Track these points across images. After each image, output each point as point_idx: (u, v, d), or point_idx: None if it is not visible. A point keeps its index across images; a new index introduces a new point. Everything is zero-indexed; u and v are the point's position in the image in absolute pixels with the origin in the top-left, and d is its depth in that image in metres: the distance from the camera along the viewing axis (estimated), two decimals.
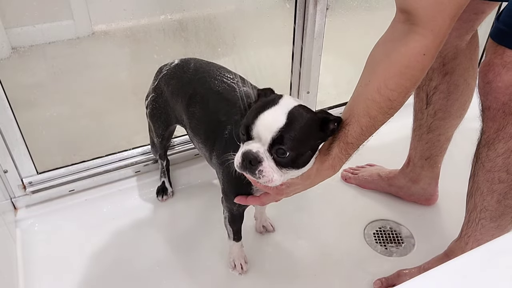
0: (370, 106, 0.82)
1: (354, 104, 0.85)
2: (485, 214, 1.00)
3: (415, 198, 1.38)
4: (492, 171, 0.95)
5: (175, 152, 1.48)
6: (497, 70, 0.85)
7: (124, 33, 1.71)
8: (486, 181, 0.97)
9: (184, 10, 1.65)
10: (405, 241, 1.29)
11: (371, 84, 0.82)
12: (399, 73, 0.79)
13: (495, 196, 0.97)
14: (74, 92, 1.69)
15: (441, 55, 1.12)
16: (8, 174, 1.29)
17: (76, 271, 1.19)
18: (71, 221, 1.33)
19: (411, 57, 0.78)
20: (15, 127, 1.24)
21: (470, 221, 1.05)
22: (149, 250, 1.25)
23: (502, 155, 0.91)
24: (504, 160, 0.92)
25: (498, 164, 0.93)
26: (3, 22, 1.62)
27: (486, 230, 1.02)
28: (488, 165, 0.95)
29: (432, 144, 1.26)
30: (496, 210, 0.99)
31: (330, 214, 1.38)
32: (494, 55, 0.86)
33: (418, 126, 1.27)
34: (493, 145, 0.92)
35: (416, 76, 0.80)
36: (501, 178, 0.94)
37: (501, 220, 0.99)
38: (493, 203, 0.98)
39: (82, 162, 1.41)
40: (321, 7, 1.36)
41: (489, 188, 0.97)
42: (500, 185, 0.95)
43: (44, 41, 1.64)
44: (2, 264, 1.09)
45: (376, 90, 0.81)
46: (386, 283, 1.15)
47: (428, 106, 1.21)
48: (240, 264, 1.18)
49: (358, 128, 0.84)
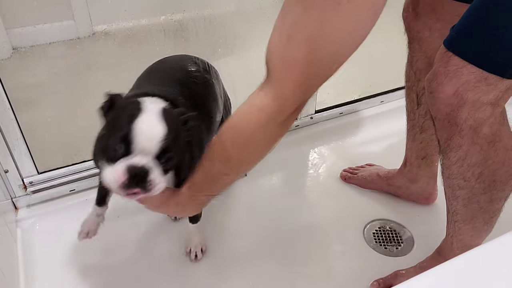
0: (211, 153, 0.84)
1: (208, 148, 0.87)
2: (457, 217, 1.01)
3: (414, 197, 1.39)
4: (451, 178, 0.95)
5: None
6: (439, 80, 0.82)
7: (124, 34, 1.72)
8: (449, 187, 0.98)
9: (184, 11, 1.65)
10: (405, 241, 1.30)
11: (219, 131, 0.85)
12: (232, 124, 0.82)
13: (460, 201, 0.97)
14: (75, 92, 1.69)
15: (427, 56, 1.12)
16: (9, 174, 1.29)
17: (76, 271, 1.19)
18: (72, 221, 1.33)
19: (246, 109, 0.79)
20: (16, 127, 1.24)
21: (449, 222, 1.06)
22: (150, 250, 1.25)
23: (455, 164, 0.91)
24: (458, 169, 0.91)
25: (454, 172, 0.93)
26: (4, 23, 1.62)
27: (463, 231, 1.03)
28: (447, 173, 0.95)
29: (426, 143, 1.27)
30: (465, 214, 0.99)
31: (329, 214, 1.38)
32: (440, 63, 0.83)
33: (411, 126, 1.28)
34: (446, 154, 0.91)
35: (244, 130, 0.79)
36: (460, 185, 0.94)
37: (474, 222, 1.00)
38: (460, 207, 0.98)
39: (83, 162, 1.41)
40: None
41: (452, 194, 0.98)
42: (461, 191, 0.95)
43: (45, 41, 1.64)
44: (3, 264, 1.09)
45: (217, 138, 0.84)
46: (384, 283, 1.15)
47: (419, 107, 1.21)
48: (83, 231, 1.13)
49: (202, 172, 0.86)
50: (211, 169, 0.85)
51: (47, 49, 1.69)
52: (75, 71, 1.73)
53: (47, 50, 1.70)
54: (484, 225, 1.00)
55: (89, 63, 1.75)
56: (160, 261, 1.22)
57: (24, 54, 1.63)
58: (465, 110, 0.81)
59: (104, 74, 1.78)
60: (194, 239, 1.22)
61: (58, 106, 1.66)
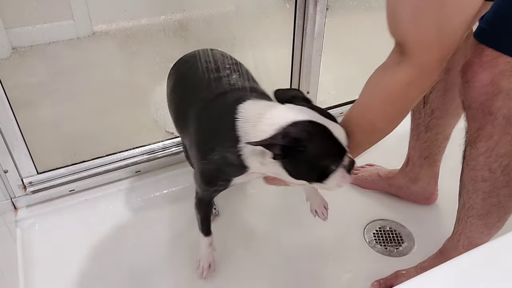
0: (354, 129, 0.87)
1: (343, 124, 0.89)
2: (472, 212, 1.01)
3: (414, 197, 1.39)
4: (475, 169, 0.95)
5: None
6: (475, 70, 0.85)
7: (124, 33, 1.72)
8: (471, 179, 0.98)
9: (184, 11, 1.66)
10: (405, 241, 1.30)
11: (357, 107, 0.89)
12: (382, 100, 0.84)
13: (480, 195, 0.98)
14: (75, 92, 1.69)
15: None
16: (8, 174, 1.29)
17: (76, 271, 1.19)
18: (71, 221, 1.34)
19: (395, 86, 0.81)
20: (15, 127, 1.24)
21: (460, 219, 1.06)
22: (149, 250, 1.25)
23: (483, 154, 0.92)
24: (486, 159, 0.92)
25: (481, 162, 0.93)
26: (4, 22, 1.62)
27: (475, 227, 1.03)
28: (472, 164, 0.96)
29: (430, 143, 1.27)
30: (482, 208, 0.99)
31: (329, 214, 1.38)
32: (474, 54, 0.86)
33: (416, 125, 1.28)
34: (475, 144, 0.92)
35: (398, 105, 0.84)
36: (484, 176, 0.94)
37: (488, 218, 1.00)
38: (479, 201, 0.99)
39: (82, 162, 1.41)
40: (321, 7, 1.37)
41: (474, 186, 0.98)
42: (483, 184, 0.96)
43: (45, 41, 1.64)
44: (3, 264, 1.09)
45: (360, 114, 0.87)
46: (385, 284, 1.15)
47: (425, 105, 1.21)
48: (203, 266, 1.15)
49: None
50: (352, 143, 0.87)
51: (46, 49, 1.69)
52: (75, 71, 1.72)
53: (46, 50, 1.70)
54: (497, 222, 1.01)
55: (89, 63, 1.75)
56: (159, 262, 1.22)
57: (23, 54, 1.63)
58: (500, 98, 0.83)
59: (103, 74, 1.78)
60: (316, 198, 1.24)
61: (58, 106, 1.66)
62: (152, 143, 1.47)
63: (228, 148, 0.89)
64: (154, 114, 1.65)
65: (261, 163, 0.87)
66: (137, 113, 1.69)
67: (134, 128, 1.63)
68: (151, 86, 1.71)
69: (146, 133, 1.40)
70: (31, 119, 1.49)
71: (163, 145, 1.48)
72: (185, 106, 1.04)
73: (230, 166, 0.92)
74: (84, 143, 1.53)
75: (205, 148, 0.96)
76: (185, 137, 1.10)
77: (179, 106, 1.09)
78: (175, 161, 1.49)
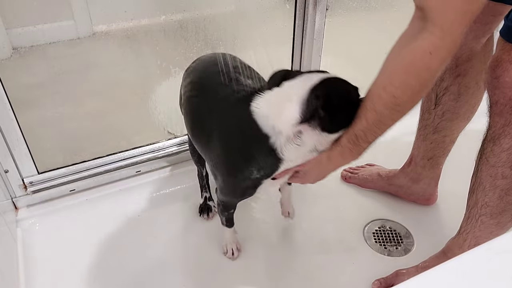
0: (376, 102, 0.83)
1: (365, 98, 0.87)
2: (486, 210, 1.01)
3: (414, 197, 1.39)
4: (496, 166, 0.95)
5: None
6: (505, 66, 0.87)
7: (124, 34, 1.72)
8: (489, 176, 0.98)
9: (184, 11, 1.66)
10: (405, 241, 1.30)
11: (378, 79, 0.84)
12: (404, 70, 0.80)
13: (497, 192, 0.98)
14: (75, 92, 1.70)
15: (455, 56, 1.12)
16: (9, 174, 1.29)
17: (76, 271, 1.19)
18: (72, 221, 1.34)
19: (417, 55, 0.77)
20: (16, 127, 1.24)
21: (470, 217, 1.06)
22: (149, 250, 1.25)
23: (507, 150, 0.93)
24: (509, 156, 0.93)
25: (503, 159, 0.94)
26: (4, 23, 1.63)
27: (485, 227, 1.03)
28: (493, 160, 0.96)
29: (436, 144, 1.27)
30: (497, 206, 0.99)
31: (329, 214, 1.38)
32: (503, 51, 0.88)
33: (424, 126, 1.27)
34: (499, 140, 0.93)
35: (421, 75, 0.79)
36: (505, 173, 0.95)
37: (501, 217, 1.00)
38: (495, 199, 0.99)
39: (82, 162, 1.41)
40: (321, 8, 1.37)
41: (492, 183, 0.98)
42: (503, 181, 0.96)
43: (45, 41, 1.65)
44: (3, 264, 1.09)
45: (382, 86, 0.82)
46: (385, 283, 1.15)
47: (437, 107, 1.21)
48: (232, 249, 1.22)
49: (364, 122, 0.86)
50: (375, 117, 0.85)
51: (47, 49, 1.69)
52: (75, 71, 1.73)
53: (47, 50, 1.70)
54: (508, 222, 1.01)
55: (89, 63, 1.75)
56: (160, 262, 1.22)
57: (24, 54, 1.63)
58: None
59: (104, 74, 1.79)
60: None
61: (58, 106, 1.66)
62: (152, 143, 1.48)
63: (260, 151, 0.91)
64: (154, 114, 1.65)
65: (299, 145, 0.88)
66: (137, 113, 1.69)
67: (134, 128, 1.63)
68: (152, 86, 1.71)
69: (146, 133, 1.41)
70: (31, 119, 1.49)
71: (163, 145, 1.48)
72: (205, 120, 1.04)
73: (262, 169, 0.94)
74: (84, 143, 1.54)
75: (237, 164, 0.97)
76: (204, 147, 1.09)
77: (199, 117, 1.08)
78: (175, 161, 1.50)
